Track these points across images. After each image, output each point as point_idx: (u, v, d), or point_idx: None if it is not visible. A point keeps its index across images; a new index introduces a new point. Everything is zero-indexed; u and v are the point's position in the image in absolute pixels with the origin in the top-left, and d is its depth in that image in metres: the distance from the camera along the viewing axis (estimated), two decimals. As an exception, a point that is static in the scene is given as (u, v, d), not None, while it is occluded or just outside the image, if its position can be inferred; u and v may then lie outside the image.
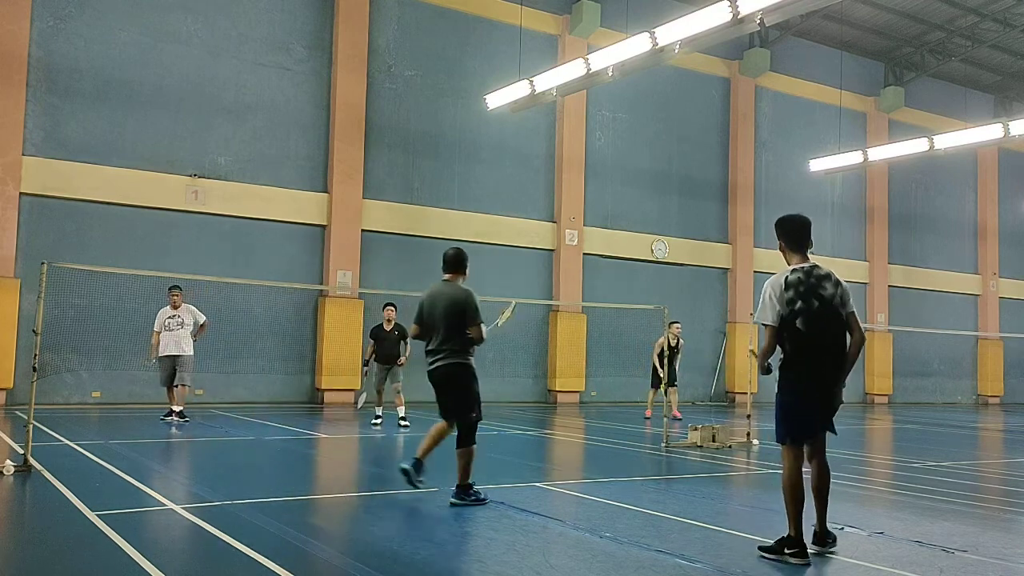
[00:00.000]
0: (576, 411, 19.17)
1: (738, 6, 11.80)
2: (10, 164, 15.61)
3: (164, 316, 13.28)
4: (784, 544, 5.20)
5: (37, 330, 8.11)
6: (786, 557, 5.15)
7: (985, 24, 25.57)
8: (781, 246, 5.56)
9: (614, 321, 21.03)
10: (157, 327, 13.23)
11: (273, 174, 18.27)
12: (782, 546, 5.20)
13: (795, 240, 5.49)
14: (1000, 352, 30.32)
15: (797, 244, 5.49)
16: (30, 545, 5.35)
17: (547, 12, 21.55)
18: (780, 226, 5.59)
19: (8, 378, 15.34)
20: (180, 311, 13.29)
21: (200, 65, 17.64)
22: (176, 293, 13.41)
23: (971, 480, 9.63)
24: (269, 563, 4.72)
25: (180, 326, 13.19)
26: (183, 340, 13.13)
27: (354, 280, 18.57)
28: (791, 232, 5.52)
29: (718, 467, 9.71)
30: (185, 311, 13.35)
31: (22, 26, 15.81)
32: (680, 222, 23.82)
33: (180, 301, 13.37)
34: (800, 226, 5.52)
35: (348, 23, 18.94)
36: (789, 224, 5.55)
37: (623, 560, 5.10)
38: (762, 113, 25.55)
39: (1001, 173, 30.76)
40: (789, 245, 5.51)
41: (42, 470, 7.69)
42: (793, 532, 5.20)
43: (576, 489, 7.95)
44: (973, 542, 5.91)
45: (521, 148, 21.29)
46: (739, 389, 23.30)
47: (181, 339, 13.11)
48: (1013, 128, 18.43)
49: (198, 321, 13.46)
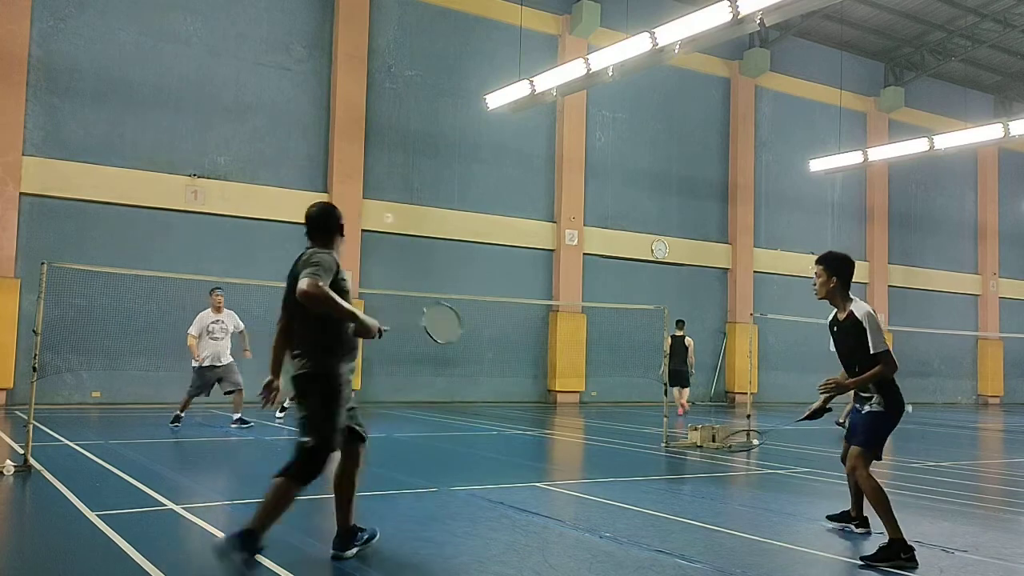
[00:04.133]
0: (576, 411, 19.17)
1: (738, 6, 11.80)
2: (10, 164, 15.61)
3: (207, 321, 12.10)
4: (899, 549, 5.13)
5: (37, 330, 8.11)
6: (904, 563, 5.08)
7: (985, 24, 25.56)
8: (836, 284, 5.78)
9: (614, 321, 21.02)
10: (196, 331, 12.08)
11: (273, 174, 18.26)
12: (896, 552, 5.12)
13: (850, 278, 5.84)
14: (1000, 352, 30.31)
15: (850, 282, 5.86)
16: (30, 545, 5.35)
17: (547, 12, 21.54)
18: (842, 263, 5.82)
19: (8, 378, 15.34)
20: (223, 316, 12.22)
21: (200, 65, 17.63)
22: (219, 295, 12.24)
23: (971, 480, 9.63)
24: (269, 563, 4.72)
25: (225, 333, 12.14)
26: (227, 349, 12.10)
27: (354, 280, 18.57)
28: (850, 270, 5.82)
29: (718, 467, 9.70)
30: (228, 317, 12.29)
31: (22, 26, 15.81)
32: (680, 222, 23.82)
33: (223, 304, 12.30)
34: (853, 265, 5.87)
35: (348, 23, 18.94)
36: (849, 264, 5.83)
37: (623, 560, 5.10)
38: (762, 113, 25.54)
39: (1001, 173, 30.76)
40: (846, 283, 5.81)
41: (42, 470, 7.69)
42: (900, 534, 5.19)
43: (576, 489, 7.95)
44: (973, 542, 5.91)
45: (521, 148, 21.28)
46: (739, 389, 23.30)
47: (225, 348, 12.09)
48: (1013, 128, 18.43)
49: (239, 327, 12.38)
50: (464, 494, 7.25)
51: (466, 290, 18.69)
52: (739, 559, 5.23)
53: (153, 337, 16.26)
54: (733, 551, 5.51)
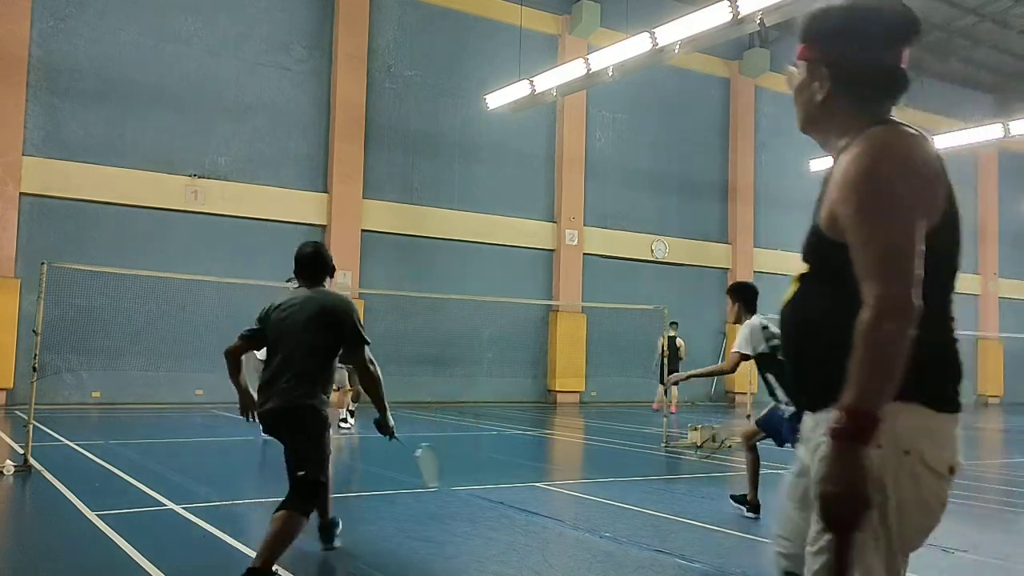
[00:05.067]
0: (576, 411, 19.17)
1: (738, 6, 11.80)
2: (10, 164, 15.61)
3: None
4: None
5: (37, 330, 8.11)
6: None
7: (985, 24, 25.55)
8: (739, 307, 6.95)
9: (614, 321, 21.01)
10: None
11: (273, 174, 18.26)
12: None
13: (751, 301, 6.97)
14: (1000, 352, 30.30)
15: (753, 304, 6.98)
16: (30, 545, 5.35)
17: (547, 12, 21.54)
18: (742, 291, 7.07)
19: (8, 378, 15.35)
20: None
21: (200, 65, 17.63)
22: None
23: (971, 480, 9.63)
24: (269, 563, 4.71)
25: None
26: None
27: (354, 280, 18.56)
28: (749, 295, 6.99)
29: (718, 467, 9.71)
30: None
31: (22, 26, 15.81)
32: (680, 222, 23.82)
33: None
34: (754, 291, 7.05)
35: (348, 23, 18.94)
36: (749, 291, 7.02)
37: (623, 560, 5.10)
38: (762, 113, 25.54)
39: (1001, 173, 30.75)
40: (748, 306, 6.93)
41: (42, 470, 7.69)
42: None
43: (576, 489, 7.96)
44: (973, 542, 5.91)
45: (521, 148, 21.28)
46: (739, 389, 23.30)
47: None
48: (1013, 128, 18.44)
49: None
50: (464, 494, 7.25)
51: (466, 290, 18.69)
52: (739, 559, 5.24)
53: (153, 337, 16.27)
54: (733, 551, 5.51)
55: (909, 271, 1.73)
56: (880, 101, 1.99)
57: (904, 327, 1.70)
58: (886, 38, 1.96)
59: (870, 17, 1.96)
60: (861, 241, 1.78)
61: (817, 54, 2.00)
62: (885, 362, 1.69)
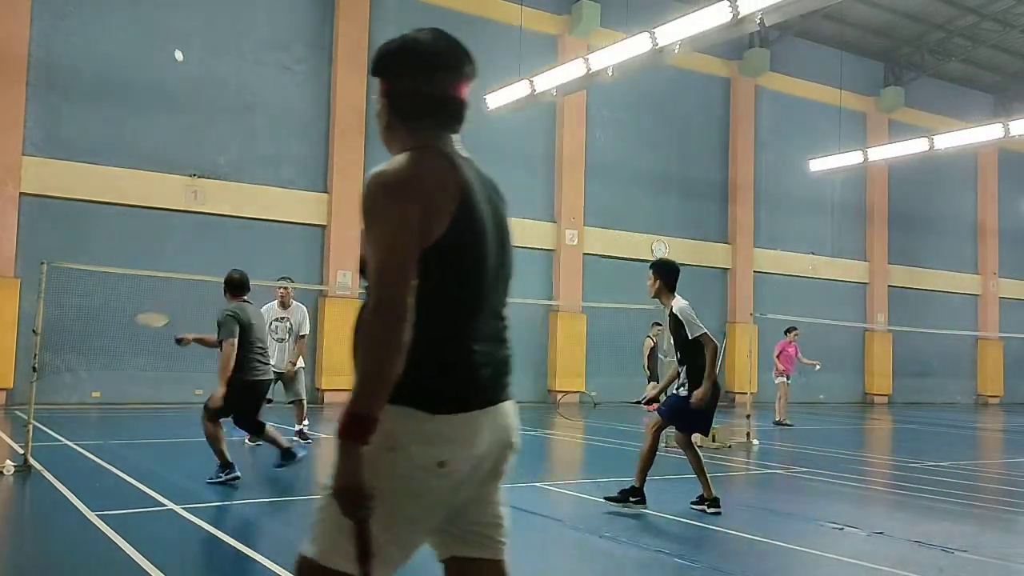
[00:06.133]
0: (576, 411, 19.16)
1: (738, 6, 11.80)
2: (10, 164, 15.60)
3: (269, 317, 10.07)
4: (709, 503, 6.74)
5: (37, 330, 8.11)
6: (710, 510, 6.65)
7: (985, 24, 25.56)
8: (660, 285, 6.85)
9: (614, 321, 21.01)
10: None
11: (273, 174, 18.26)
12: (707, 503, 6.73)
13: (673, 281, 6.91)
14: (1000, 352, 30.31)
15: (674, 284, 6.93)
16: (30, 545, 5.35)
17: (547, 12, 21.54)
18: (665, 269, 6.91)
19: (8, 378, 15.34)
20: (291, 312, 10.40)
21: (200, 65, 17.62)
22: (286, 287, 10.50)
23: (971, 480, 9.63)
24: (269, 563, 4.72)
25: (289, 333, 10.26)
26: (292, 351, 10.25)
27: (354, 280, 18.57)
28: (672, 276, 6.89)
29: (718, 467, 9.70)
30: (298, 311, 10.43)
31: (22, 26, 15.80)
32: (680, 222, 23.82)
33: (291, 298, 10.50)
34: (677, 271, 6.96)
35: (348, 22, 18.94)
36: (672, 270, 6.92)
37: (623, 560, 5.10)
38: (762, 113, 25.54)
39: (1001, 173, 30.75)
40: (669, 285, 6.86)
41: (42, 470, 7.69)
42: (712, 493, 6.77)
43: (576, 489, 7.96)
44: (973, 542, 5.91)
45: (521, 148, 21.28)
46: (739, 389, 23.29)
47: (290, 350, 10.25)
48: (1013, 128, 18.44)
49: (304, 329, 10.45)
50: (464, 494, 7.23)
51: (466, 290, 18.68)
52: (739, 559, 5.24)
53: (153, 337, 16.23)
54: (733, 551, 5.51)
55: (397, 277, 1.96)
56: (431, 127, 2.20)
57: (390, 329, 1.94)
58: (426, 70, 2.21)
59: (412, 51, 2.24)
60: (370, 251, 2.00)
61: (380, 86, 2.25)
62: (375, 365, 1.97)
